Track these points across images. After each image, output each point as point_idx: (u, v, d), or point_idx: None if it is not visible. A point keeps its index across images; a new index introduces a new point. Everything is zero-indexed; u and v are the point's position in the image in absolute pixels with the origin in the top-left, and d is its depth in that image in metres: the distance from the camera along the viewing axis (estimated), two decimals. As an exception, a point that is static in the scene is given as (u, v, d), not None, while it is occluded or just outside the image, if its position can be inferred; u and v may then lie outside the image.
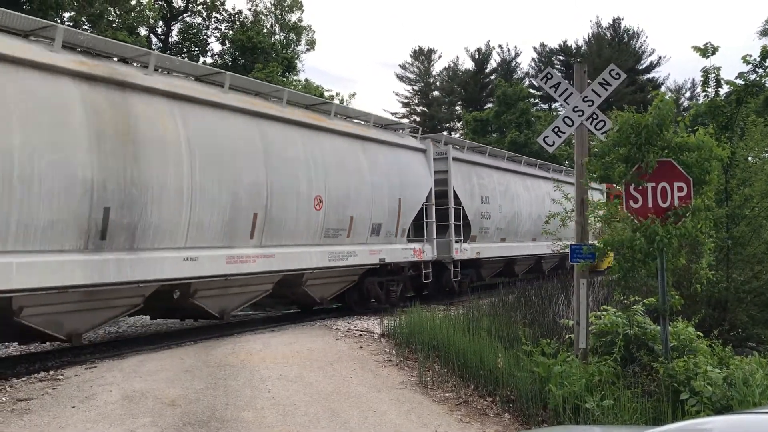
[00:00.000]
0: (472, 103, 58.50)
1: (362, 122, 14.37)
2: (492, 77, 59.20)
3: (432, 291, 16.37)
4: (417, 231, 15.58)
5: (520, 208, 20.29)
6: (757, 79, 9.94)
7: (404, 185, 14.60)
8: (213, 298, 10.48)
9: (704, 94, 10.36)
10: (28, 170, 7.73)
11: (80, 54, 8.94)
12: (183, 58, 39.26)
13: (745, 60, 10.00)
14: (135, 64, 9.92)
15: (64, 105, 8.27)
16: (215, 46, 60.41)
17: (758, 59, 10.01)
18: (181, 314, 11.47)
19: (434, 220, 15.62)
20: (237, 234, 10.44)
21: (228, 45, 38.42)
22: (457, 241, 16.25)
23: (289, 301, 13.76)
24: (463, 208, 16.81)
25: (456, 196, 16.55)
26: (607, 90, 7.73)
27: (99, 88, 8.73)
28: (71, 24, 27.28)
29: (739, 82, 10.01)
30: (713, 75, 10.02)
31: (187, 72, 10.85)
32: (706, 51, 9.45)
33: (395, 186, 14.26)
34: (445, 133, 16.54)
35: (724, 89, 10.25)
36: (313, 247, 12.00)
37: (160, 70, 10.11)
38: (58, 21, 22.80)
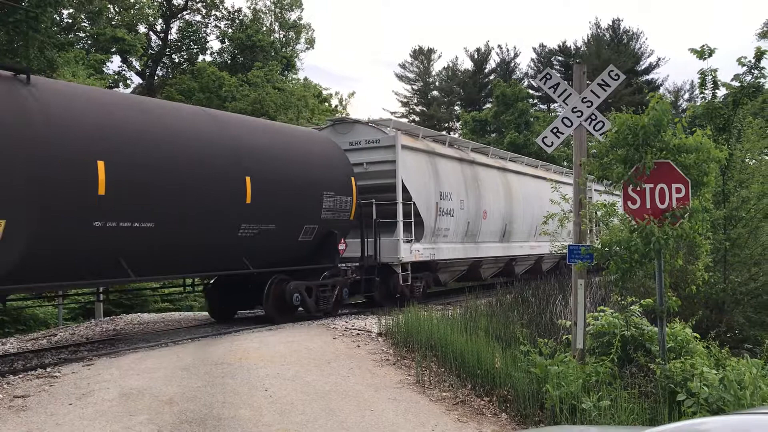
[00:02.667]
0: (471, 103, 58.48)
1: (551, 170, 23.80)
2: (491, 77, 59.12)
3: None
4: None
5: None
6: (753, 80, 9.98)
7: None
8: (518, 265, 19.90)
9: (701, 96, 10.39)
10: (491, 211, 17.65)
11: (482, 154, 18.84)
12: (182, 55, 39.26)
13: (740, 62, 10.03)
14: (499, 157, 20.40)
15: (495, 182, 18.18)
16: (214, 44, 60.39)
17: (753, 61, 10.04)
18: (507, 276, 19.58)
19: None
20: (531, 235, 20.02)
21: (227, 43, 38.40)
22: None
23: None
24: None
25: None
26: (606, 91, 7.75)
27: (500, 172, 18.74)
28: (70, 21, 27.24)
29: (735, 83, 10.04)
30: (710, 77, 10.06)
31: (523, 161, 21.41)
32: (703, 53, 9.48)
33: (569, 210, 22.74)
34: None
35: (722, 91, 10.29)
36: (545, 243, 20.29)
37: (512, 159, 20.72)
38: (57, 18, 22.75)
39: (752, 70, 9.96)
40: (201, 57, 38.29)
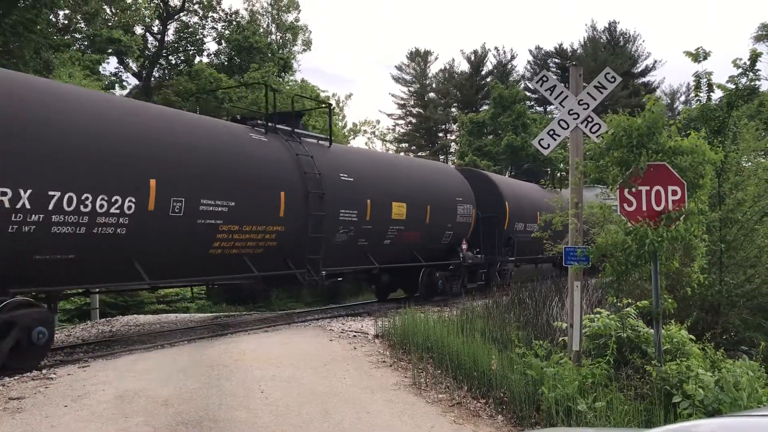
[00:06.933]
0: (468, 105, 58.50)
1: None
2: (488, 79, 59.17)
3: None
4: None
5: None
6: (748, 83, 9.98)
7: None
8: None
9: (697, 98, 10.41)
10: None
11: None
12: (179, 57, 39.24)
13: (736, 64, 10.03)
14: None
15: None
16: (211, 46, 60.29)
17: (748, 63, 10.05)
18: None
19: None
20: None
21: (224, 44, 38.39)
22: None
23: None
24: None
25: None
26: (602, 93, 7.75)
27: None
28: (66, 22, 27.18)
29: (730, 86, 10.05)
30: (705, 80, 10.07)
31: None
32: (698, 56, 9.49)
33: None
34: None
35: (717, 93, 10.30)
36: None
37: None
38: (53, 19, 22.71)
39: (747, 72, 9.97)
40: (198, 58, 38.27)
